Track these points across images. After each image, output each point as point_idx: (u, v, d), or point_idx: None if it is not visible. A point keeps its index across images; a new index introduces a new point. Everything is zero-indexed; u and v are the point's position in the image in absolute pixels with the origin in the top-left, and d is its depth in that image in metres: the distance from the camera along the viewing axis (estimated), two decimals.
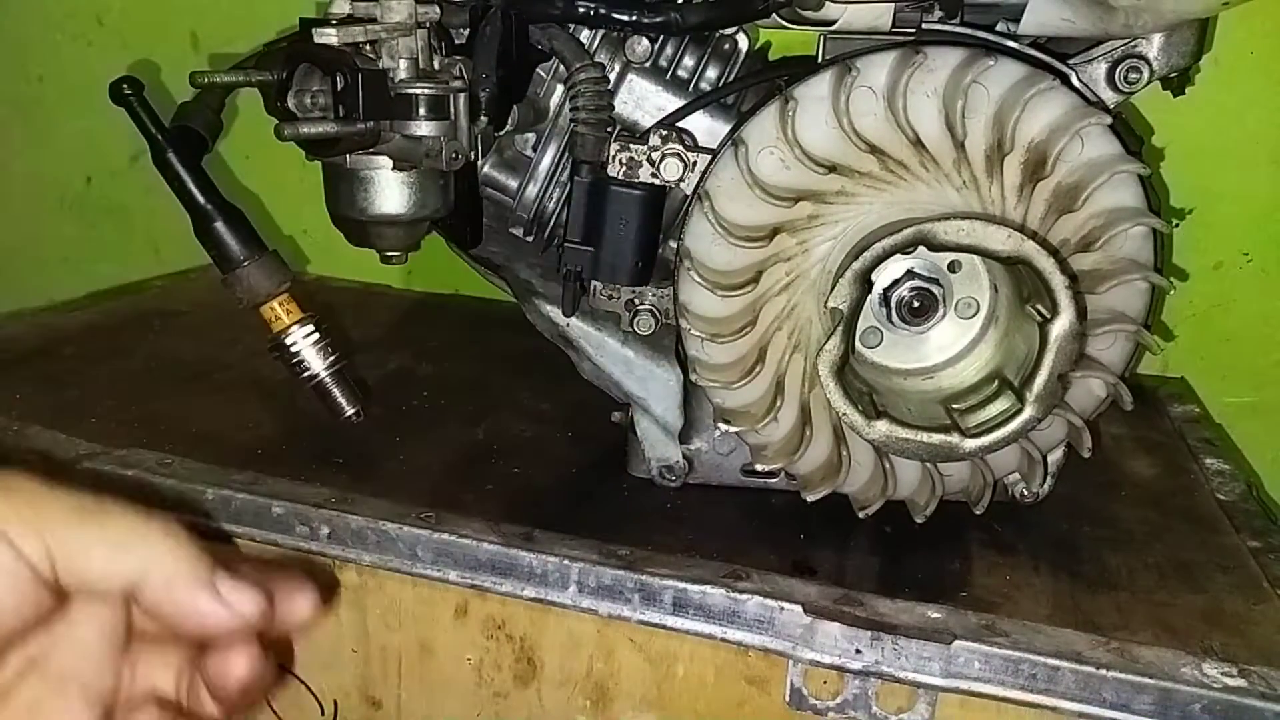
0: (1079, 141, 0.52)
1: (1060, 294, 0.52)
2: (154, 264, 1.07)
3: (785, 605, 0.52)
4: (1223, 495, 0.68)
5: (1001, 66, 0.52)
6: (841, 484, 0.59)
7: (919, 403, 0.59)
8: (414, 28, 0.50)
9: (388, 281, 1.04)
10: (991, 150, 0.53)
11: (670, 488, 0.65)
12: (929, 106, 0.52)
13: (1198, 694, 0.47)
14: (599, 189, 0.58)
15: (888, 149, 0.53)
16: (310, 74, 0.50)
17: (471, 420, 0.74)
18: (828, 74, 0.53)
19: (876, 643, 0.51)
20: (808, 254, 0.56)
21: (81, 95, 1.12)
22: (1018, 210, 0.54)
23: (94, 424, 0.68)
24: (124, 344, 0.86)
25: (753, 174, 0.54)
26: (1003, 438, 0.55)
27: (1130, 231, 0.54)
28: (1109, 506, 0.66)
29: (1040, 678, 0.49)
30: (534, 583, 0.56)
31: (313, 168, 0.53)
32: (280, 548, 0.60)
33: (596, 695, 0.57)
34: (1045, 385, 0.54)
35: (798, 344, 0.57)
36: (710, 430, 0.64)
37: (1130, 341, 0.57)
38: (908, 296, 0.58)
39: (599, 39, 0.60)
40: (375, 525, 0.58)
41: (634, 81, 0.60)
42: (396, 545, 0.58)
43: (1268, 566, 0.58)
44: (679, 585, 0.54)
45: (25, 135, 1.22)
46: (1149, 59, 0.57)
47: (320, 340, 0.51)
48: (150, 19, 1.13)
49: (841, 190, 0.54)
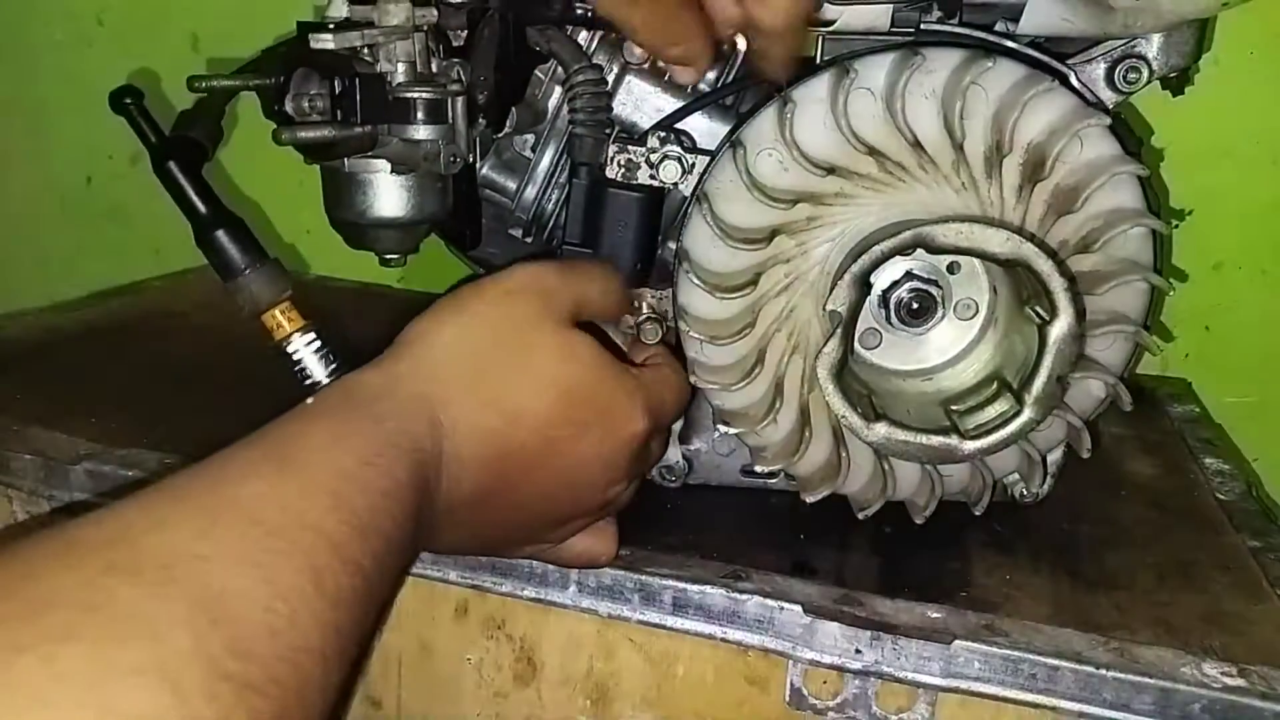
0: (1078, 142, 0.52)
1: (1059, 296, 0.52)
2: (154, 264, 1.07)
3: (785, 605, 0.52)
4: (1223, 495, 0.68)
5: (1000, 68, 0.52)
6: (841, 485, 0.59)
7: (918, 404, 0.59)
8: (411, 31, 0.50)
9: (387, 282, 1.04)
10: (990, 152, 0.53)
11: (670, 488, 0.65)
12: (928, 108, 0.52)
13: (1197, 694, 0.47)
14: (597, 191, 0.58)
15: (886, 151, 0.53)
16: (308, 78, 0.50)
17: None
18: (826, 76, 0.53)
19: (876, 643, 0.51)
20: (806, 256, 0.56)
21: (81, 96, 1.12)
22: (1017, 212, 0.54)
23: (94, 424, 0.68)
24: (124, 344, 0.86)
25: (751, 176, 0.54)
26: (1002, 439, 0.55)
27: (1130, 232, 0.54)
28: (1109, 506, 0.66)
29: (1040, 678, 0.49)
30: (534, 583, 0.56)
31: (312, 171, 0.53)
32: None
33: (596, 695, 0.57)
34: (1044, 387, 0.54)
35: (797, 346, 0.57)
36: (710, 431, 0.64)
37: (1130, 342, 0.57)
38: (906, 298, 0.58)
39: (597, 40, 0.60)
40: None
41: (632, 83, 0.60)
42: None
43: (1268, 566, 0.58)
44: (679, 585, 0.54)
45: (25, 135, 1.23)
46: (1148, 59, 0.57)
47: (321, 348, 0.52)
48: (150, 20, 1.13)
49: (840, 192, 0.54)
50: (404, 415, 0.41)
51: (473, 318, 0.47)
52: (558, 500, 0.49)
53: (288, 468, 0.36)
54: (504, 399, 0.45)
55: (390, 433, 0.40)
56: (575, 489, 0.49)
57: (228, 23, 1.09)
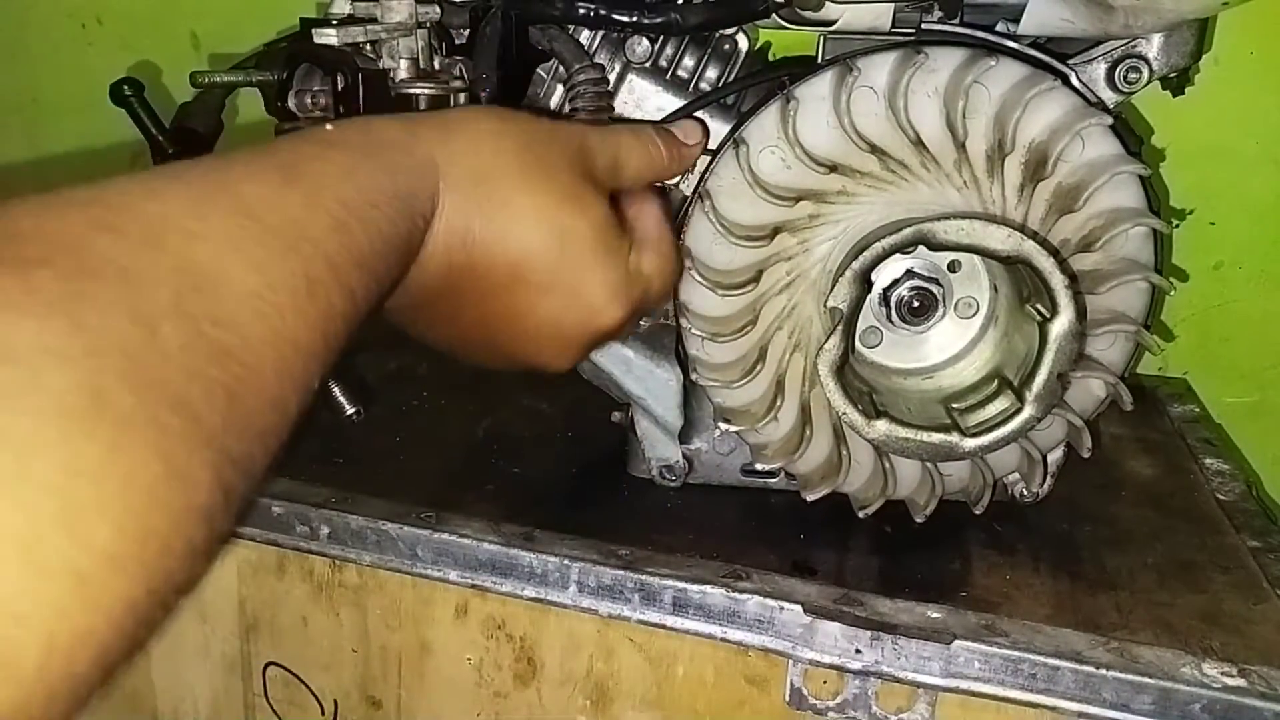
0: (1080, 142, 0.53)
1: (1060, 293, 0.52)
2: None
3: (785, 605, 0.52)
4: (1223, 495, 0.68)
5: (1002, 67, 0.52)
6: (841, 483, 0.59)
7: (919, 402, 0.59)
8: (414, 28, 0.50)
9: None
10: (992, 150, 0.53)
11: (670, 488, 0.65)
12: (930, 106, 0.52)
13: (1197, 694, 0.47)
14: None
15: (889, 149, 0.53)
16: (311, 74, 0.50)
17: (471, 420, 0.74)
18: (829, 74, 0.53)
19: (876, 642, 0.51)
20: (808, 253, 0.56)
21: (81, 95, 1.12)
22: (1018, 210, 0.54)
23: None
24: None
25: (754, 173, 0.54)
26: (1002, 437, 0.55)
27: (1130, 232, 0.54)
28: (1109, 506, 0.66)
29: (1040, 678, 0.49)
30: (534, 582, 0.56)
31: None
32: (280, 547, 0.61)
33: (596, 695, 0.57)
34: (1045, 384, 0.54)
35: (798, 343, 0.57)
36: (710, 430, 0.64)
37: (1130, 342, 0.57)
38: (907, 296, 0.58)
39: (599, 39, 0.60)
40: (375, 525, 0.58)
41: (634, 82, 0.60)
42: (396, 545, 0.58)
43: (1268, 566, 0.59)
44: (679, 585, 0.54)
45: (25, 135, 1.22)
46: (1149, 59, 0.57)
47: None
48: (150, 19, 1.13)
49: (842, 190, 0.54)
50: (415, 176, 0.39)
51: (512, 125, 0.45)
52: (494, 342, 0.47)
53: (294, 181, 0.33)
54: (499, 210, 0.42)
55: (399, 186, 0.38)
56: (516, 341, 0.47)
57: (228, 22, 1.09)
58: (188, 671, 0.65)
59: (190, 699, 0.66)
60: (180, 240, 0.28)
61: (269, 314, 0.29)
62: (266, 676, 0.64)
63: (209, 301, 0.27)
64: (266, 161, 0.34)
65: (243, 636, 0.63)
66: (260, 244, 0.30)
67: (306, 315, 0.30)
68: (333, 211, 0.33)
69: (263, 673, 0.64)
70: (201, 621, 0.64)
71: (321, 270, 0.31)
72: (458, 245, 0.41)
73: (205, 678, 0.65)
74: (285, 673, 0.63)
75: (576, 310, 0.46)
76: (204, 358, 0.26)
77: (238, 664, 0.64)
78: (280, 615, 0.62)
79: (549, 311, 0.45)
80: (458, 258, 0.42)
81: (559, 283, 0.45)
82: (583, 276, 0.45)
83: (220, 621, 0.63)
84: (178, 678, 0.66)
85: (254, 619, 0.63)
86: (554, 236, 0.44)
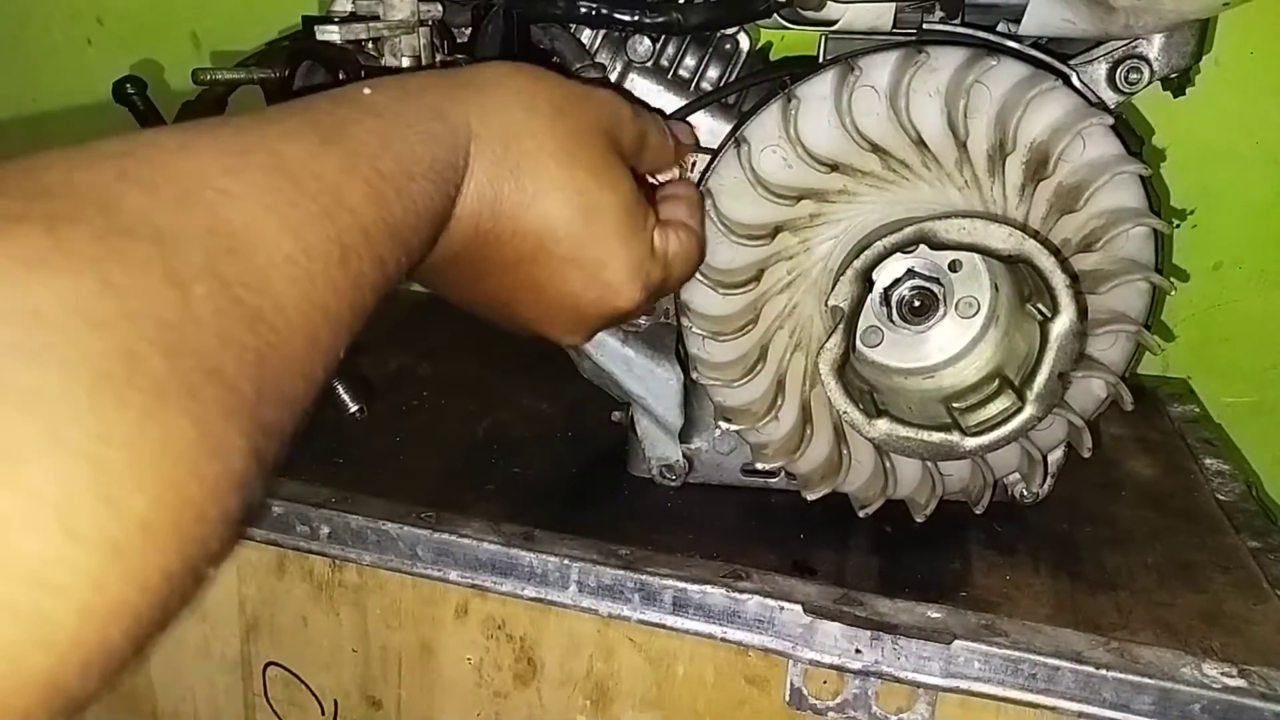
0: (1081, 142, 0.53)
1: (1061, 293, 0.52)
2: None
3: (785, 605, 0.52)
4: (1223, 495, 0.68)
5: (1004, 66, 0.52)
6: (842, 483, 0.59)
7: (919, 401, 0.59)
8: (417, 25, 0.50)
9: None
10: (993, 150, 0.53)
11: (670, 487, 0.65)
12: (931, 106, 0.52)
13: (1197, 694, 0.47)
14: None
15: (890, 148, 0.53)
16: (313, 71, 0.50)
17: (471, 420, 0.74)
18: (830, 73, 0.53)
19: (876, 642, 0.51)
20: (809, 252, 0.56)
21: (82, 95, 1.12)
22: (1019, 210, 0.54)
23: None
24: None
25: (755, 172, 0.54)
26: (1003, 436, 0.55)
27: (1131, 232, 0.54)
28: (1109, 506, 0.66)
29: (1040, 678, 0.49)
30: (534, 582, 0.56)
31: None
32: (280, 547, 0.60)
33: (596, 695, 0.57)
34: (1045, 384, 0.54)
35: (799, 342, 0.57)
36: (710, 429, 0.64)
37: (1131, 341, 0.57)
38: (908, 295, 0.58)
39: (600, 39, 0.60)
40: (375, 525, 0.58)
41: (635, 81, 0.60)
42: (396, 545, 0.58)
43: (1268, 566, 0.58)
44: (679, 585, 0.54)
45: (25, 135, 1.22)
46: (1149, 59, 0.57)
47: None
48: (150, 19, 1.13)
49: (843, 189, 0.54)
50: (449, 143, 0.39)
51: (544, 85, 0.44)
52: (510, 309, 0.47)
53: (332, 145, 0.32)
54: (529, 179, 0.42)
55: (435, 157, 0.37)
56: (533, 310, 0.47)
57: (228, 22, 1.09)
58: (188, 671, 0.65)
59: (190, 699, 0.66)
60: (214, 199, 0.27)
61: (301, 280, 0.28)
62: (266, 676, 0.64)
63: (242, 265, 0.26)
64: (302, 120, 0.33)
65: (243, 636, 0.63)
66: (296, 207, 0.29)
67: (337, 284, 0.30)
68: (370, 180, 0.33)
69: (263, 673, 0.64)
70: (201, 621, 0.64)
71: (356, 238, 0.31)
72: (487, 213, 0.41)
73: (205, 678, 0.65)
74: (285, 673, 0.63)
75: (596, 288, 0.45)
76: (237, 322, 0.26)
77: (238, 664, 0.64)
78: (280, 615, 0.62)
79: (569, 286, 0.45)
80: (485, 224, 0.41)
81: (582, 258, 0.44)
82: (605, 254, 0.45)
83: (220, 621, 0.63)
84: (178, 678, 0.66)
85: (254, 619, 0.63)
86: (581, 211, 0.43)
